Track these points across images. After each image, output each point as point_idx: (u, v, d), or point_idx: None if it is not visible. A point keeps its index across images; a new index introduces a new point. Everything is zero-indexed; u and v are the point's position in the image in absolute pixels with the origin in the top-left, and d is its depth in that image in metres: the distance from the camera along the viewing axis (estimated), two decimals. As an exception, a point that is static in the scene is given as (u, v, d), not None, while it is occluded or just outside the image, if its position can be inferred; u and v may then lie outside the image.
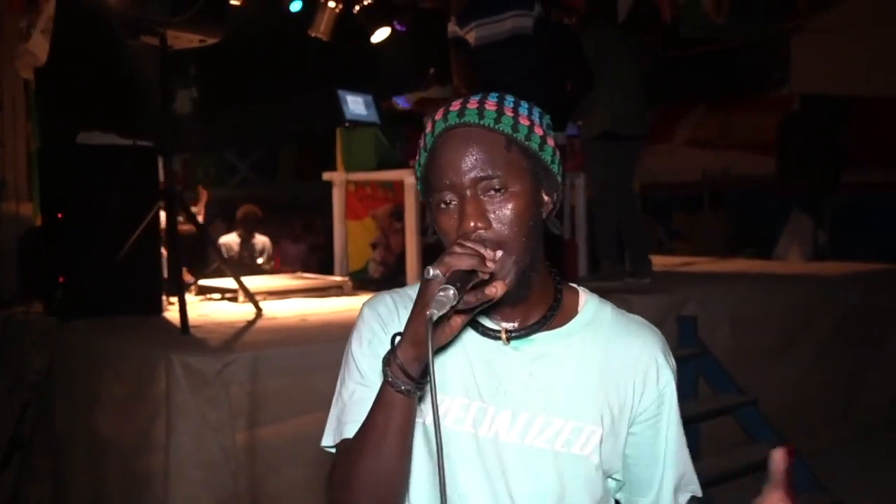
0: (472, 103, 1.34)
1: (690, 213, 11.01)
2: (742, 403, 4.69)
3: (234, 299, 4.92)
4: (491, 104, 1.34)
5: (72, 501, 3.92)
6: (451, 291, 1.14)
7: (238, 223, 8.50)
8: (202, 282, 5.44)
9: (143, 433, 3.44)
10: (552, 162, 1.37)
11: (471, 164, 1.30)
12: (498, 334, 1.39)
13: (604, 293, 1.47)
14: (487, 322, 1.40)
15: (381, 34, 7.60)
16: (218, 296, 5.15)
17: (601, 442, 1.36)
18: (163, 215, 4.44)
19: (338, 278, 5.69)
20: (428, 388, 1.27)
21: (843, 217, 8.93)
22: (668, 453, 1.41)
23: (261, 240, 8.50)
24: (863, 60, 9.06)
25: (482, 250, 1.23)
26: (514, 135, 1.32)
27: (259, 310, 4.46)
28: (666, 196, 10.48)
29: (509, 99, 1.37)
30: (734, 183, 10.25)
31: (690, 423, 4.54)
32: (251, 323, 4.27)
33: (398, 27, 7.71)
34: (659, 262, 5.68)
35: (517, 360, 1.38)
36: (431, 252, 5.86)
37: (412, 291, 1.37)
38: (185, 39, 4.44)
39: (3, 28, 5.72)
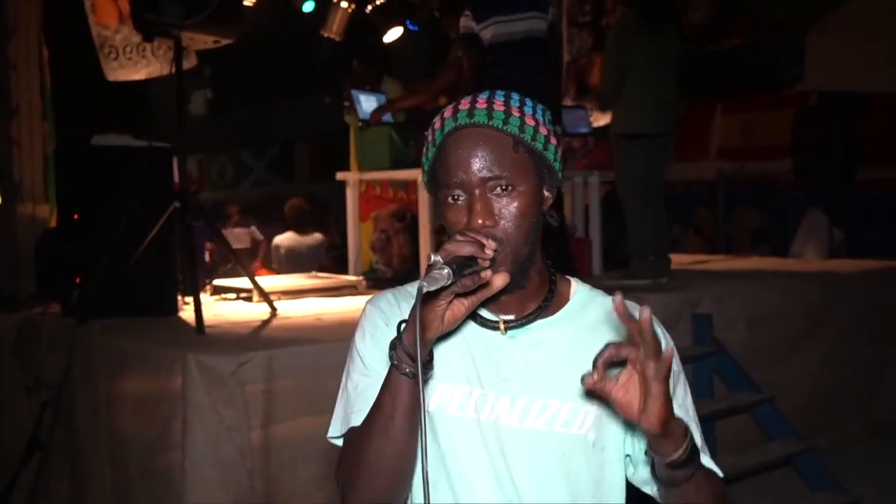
0: (481, 103, 1.40)
1: (705, 211, 10.95)
2: (758, 401, 4.67)
3: (249, 299, 4.93)
4: (499, 104, 1.40)
5: (90, 500, 3.95)
6: (446, 270, 1.21)
7: (289, 221, 8.11)
8: (217, 281, 5.45)
9: (160, 432, 3.47)
10: (554, 160, 1.44)
11: (480, 164, 1.37)
12: (496, 325, 1.47)
13: (627, 291, 1.47)
14: (486, 314, 1.47)
15: (393, 34, 7.62)
16: (233, 295, 5.17)
17: (596, 420, 1.42)
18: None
19: (352, 278, 5.69)
20: (431, 375, 1.39)
21: (858, 215, 8.86)
22: (686, 414, 1.42)
23: (315, 236, 8.17)
24: (878, 57, 8.99)
25: (482, 239, 1.29)
26: (521, 135, 1.38)
27: (274, 309, 4.47)
28: (680, 193, 10.44)
29: (515, 98, 1.43)
30: (749, 181, 10.20)
31: (706, 421, 4.57)
32: (266, 322, 4.28)
33: (410, 27, 7.72)
34: (674, 260, 5.64)
35: (515, 349, 1.45)
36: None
37: (412, 288, 1.47)
38: (199, 41, 4.48)
39: (19, 32, 5.75)
